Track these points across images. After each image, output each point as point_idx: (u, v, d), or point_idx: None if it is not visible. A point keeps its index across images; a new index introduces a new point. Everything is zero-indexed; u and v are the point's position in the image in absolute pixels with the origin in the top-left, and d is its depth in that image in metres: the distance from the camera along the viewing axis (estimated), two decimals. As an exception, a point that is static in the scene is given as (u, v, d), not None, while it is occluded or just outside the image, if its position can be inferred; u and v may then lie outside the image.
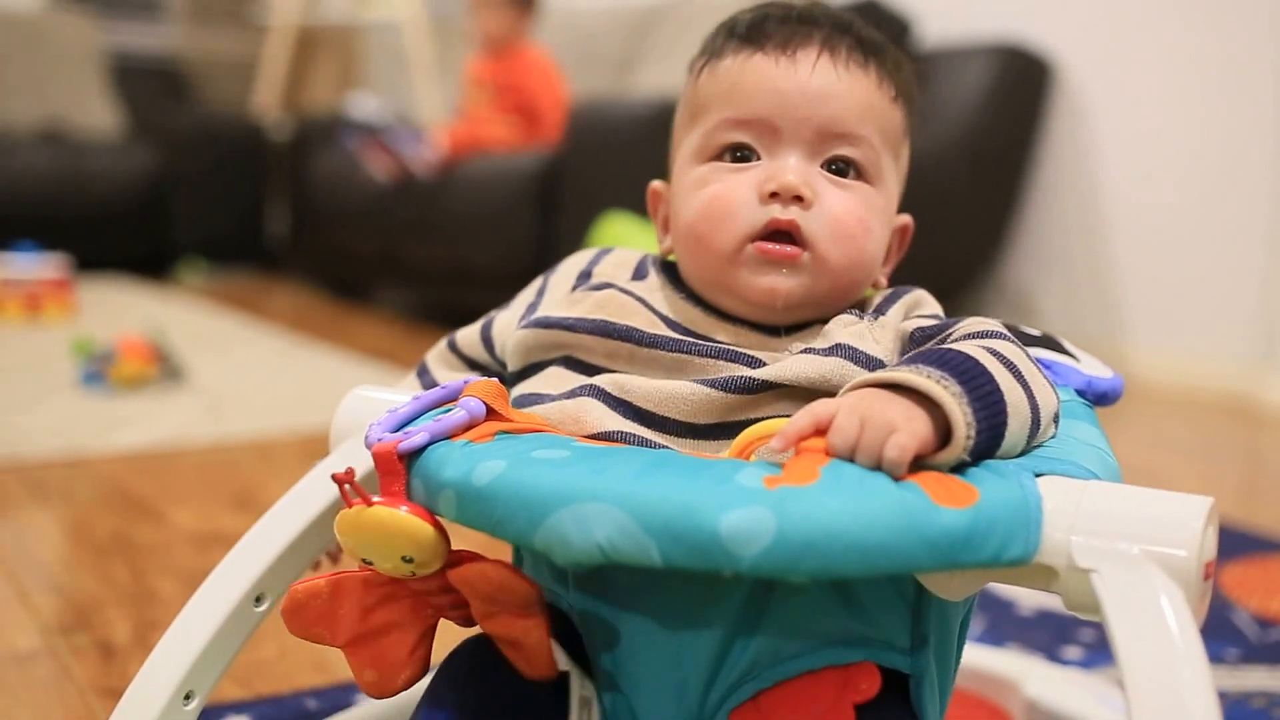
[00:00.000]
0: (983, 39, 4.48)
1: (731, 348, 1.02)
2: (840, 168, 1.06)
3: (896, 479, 0.79)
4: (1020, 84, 4.38)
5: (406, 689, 0.96)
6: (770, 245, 1.02)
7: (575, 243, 3.59)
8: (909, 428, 0.81)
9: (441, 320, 4.96)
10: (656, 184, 1.18)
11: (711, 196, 1.05)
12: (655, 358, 1.02)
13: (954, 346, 0.92)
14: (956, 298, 4.50)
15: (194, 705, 1.01)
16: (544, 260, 4.12)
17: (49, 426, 2.94)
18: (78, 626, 1.74)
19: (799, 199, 1.02)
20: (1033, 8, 4.48)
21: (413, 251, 4.97)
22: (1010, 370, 0.90)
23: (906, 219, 1.16)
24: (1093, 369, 1.14)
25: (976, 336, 0.96)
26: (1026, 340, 1.14)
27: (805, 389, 0.95)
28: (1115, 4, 4.27)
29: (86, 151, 6.28)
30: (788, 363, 0.98)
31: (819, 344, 1.01)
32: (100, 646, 1.67)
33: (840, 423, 0.82)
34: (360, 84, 7.77)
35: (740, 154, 1.06)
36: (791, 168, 1.03)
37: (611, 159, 3.99)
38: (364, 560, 0.89)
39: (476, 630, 0.96)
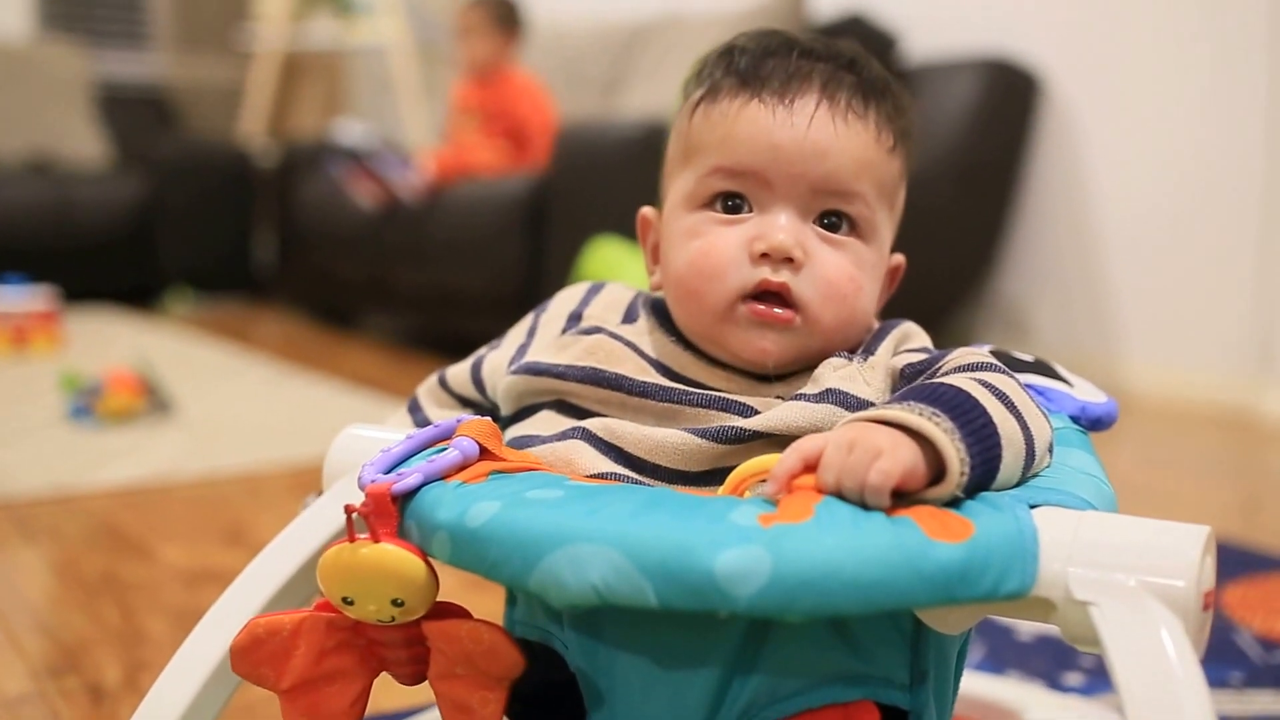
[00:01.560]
0: (970, 53, 4.48)
1: (723, 395, 1.02)
2: (833, 222, 1.05)
3: (883, 507, 0.80)
4: (1008, 98, 4.39)
5: None
6: (762, 307, 1.02)
7: (564, 266, 3.59)
8: (894, 454, 0.81)
9: (431, 346, 4.96)
10: (646, 211, 1.18)
11: (701, 253, 1.04)
12: (645, 406, 1.03)
13: (945, 380, 0.92)
14: (949, 315, 4.51)
15: (189, 750, 1.01)
16: (533, 284, 4.14)
17: (36, 462, 2.94)
18: (67, 669, 1.73)
19: (790, 260, 1.02)
20: (1020, 21, 4.49)
21: (401, 277, 4.96)
22: (1003, 402, 0.90)
23: (899, 260, 1.16)
24: (1086, 394, 1.14)
25: (968, 369, 0.96)
26: (1019, 366, 1.15)
27: (796, 437, 0.94)
28: (1103, 17, 4.28)
29: (73, 181, 6.29)
30: (778, 412, 0.98)
31: (809, 389, 1.01)
32: (90, 689, 1.66)
33: (828, 457, 0.82)
34: (346, 109, 7.77)
35: (732, 202, 1.05)
36: (783, 227, 1.03)
37: (600, 181, 3.99)
38: (344, 599, 0.88)
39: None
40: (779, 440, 0.95)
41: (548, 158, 4.34)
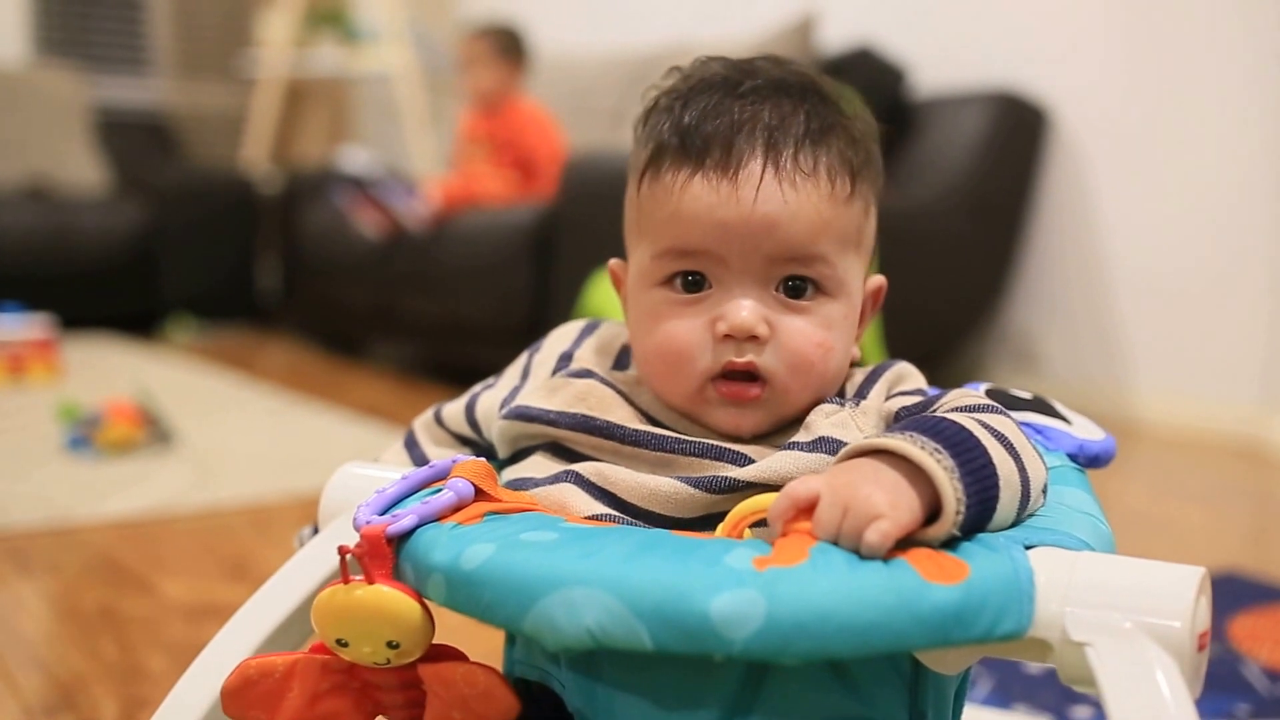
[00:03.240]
0: (978, 87, 4.52)
1: (716, 444, 1.02)
2: (797, 286, 1.03)
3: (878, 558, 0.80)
4: (1017, 131, 4.41)
5: None
6: (729, 386, 1.02)
7: (571, 296, 3.59)
8: (893, 515, 0.81)
9: (437, 375, 4.97)
10: (614, 264, 1.17)
11: (666, 337, 1.04)
12: (640, 454, 1.03)
13: (946, 416, 0.92)
14: (958, 346, 4.52)
15: (187, 787, 1.01)
16: (540, 314, 4.15)
17: (33, 494, 2.93)
18: (62, 706, 1.73)
19: (755, 337, 1.01)
20: (1027, 55, 4.51)
21: (407, 306, 4.97)
22: (1002, 443, 0.90)
23: (878, 282, 1.15)
24: (1084, 431, 1.14)
25: (964, 410, 0.96)
26: (1016, 404, 1.14)
27: None
28: (1111, 50, 4.29)
29: (72, 208, 6.29)
30: (771, 462, 0.98)
31: (802, 437, 1.01)
32: (86, 727, 1.65)
33: (821, 516, 0.82)
34: (351, 136, 7.78)
35: (691, 278, 1.04)
36: (744, 305, 1.01)
37: (607, 211, 3.95)
38: (338, 641, 0.88)
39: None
40: (772, 490, 0.95)
41: (555, 188, 4.34)
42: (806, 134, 1.03)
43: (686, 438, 1.03)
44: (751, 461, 1.00)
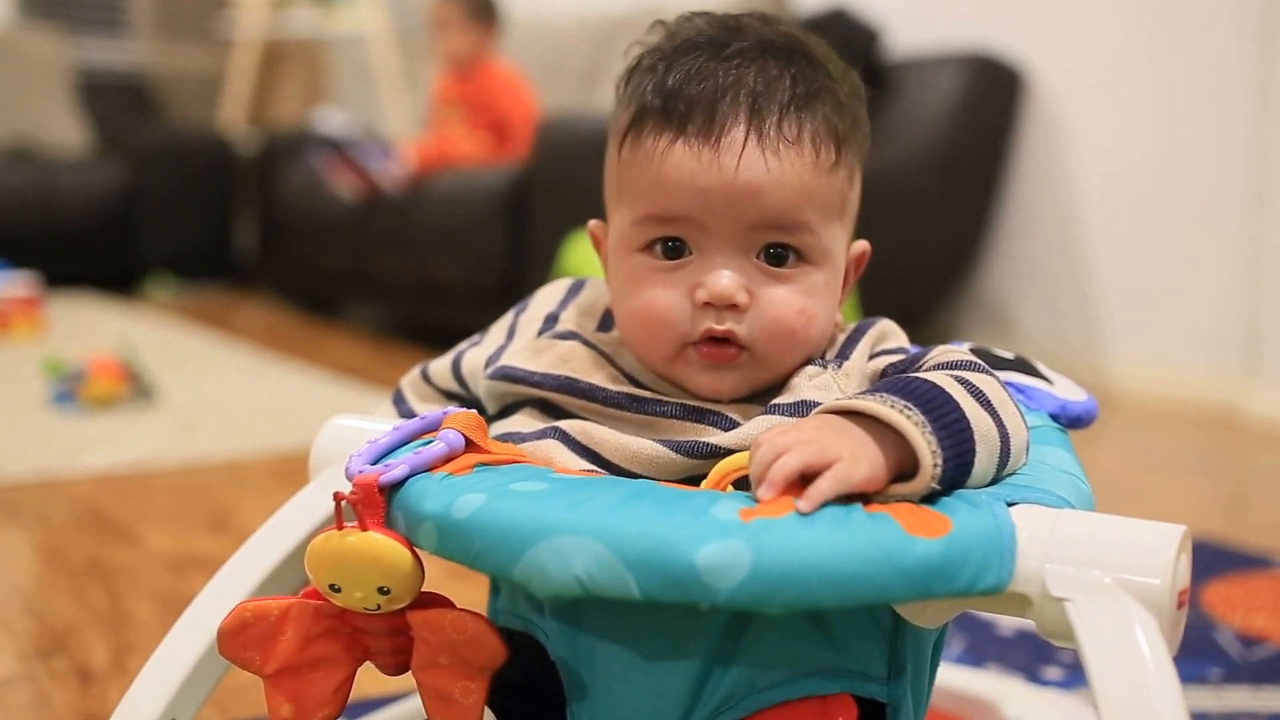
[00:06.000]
0: (953, 48, 4.49)
1: (698, 406, 1.02)
2: (779, 253, 1.02)
3: (822, 502, 0.81)
4: (992, 93, 4.39)
5: None
6: (709, 348, 1.01)
7: (546, 258, 3.59)
8: (851, 461, 0.83)
9: (412, 336, 4.96)
10: (594, 226, 1.16)
11: (645, 304, 1.03)
12: (623, 416, 1.03)
13: (921, 375, 0.93)
14: (933, 310, 4.52)
15: (177, 733, 1.02)
16: (515, 275, 4.15)
17: (20, 447, 2.94)
18: (55, 651, 1.74)
19: (734, 305, 1.00)
20: (1003, 16, 4.49)
21: (383, 267, 4.96)
22: (978, 399, 0.91)
23: (863, 246, 1.14)
24: (1066, 392, 1.15)
25: (947, 367, 0.97)
26: (999, 363, 1.15)
27: None
28: (1086, 12, 4.28)
29: (54, 168, 6.29)
30: (751, 428, 0.98)
31: (784, 399, 1.01)
32: (78, 672, 1.67)
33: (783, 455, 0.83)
34: (327, 98, 7.75)
35: (671, 244, 1.03)
36: (724, 273, 1.00)
37: (581, 172, 3.95)
38: (331, 586, 0.89)
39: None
40: None
41: (529, 149, 4.34)
42: (792, 100, 1.01)
43: (668, 399, 1.03)
44: (734, 423, 1.00)
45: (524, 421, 1.07)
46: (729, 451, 0.97)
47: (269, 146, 6.27)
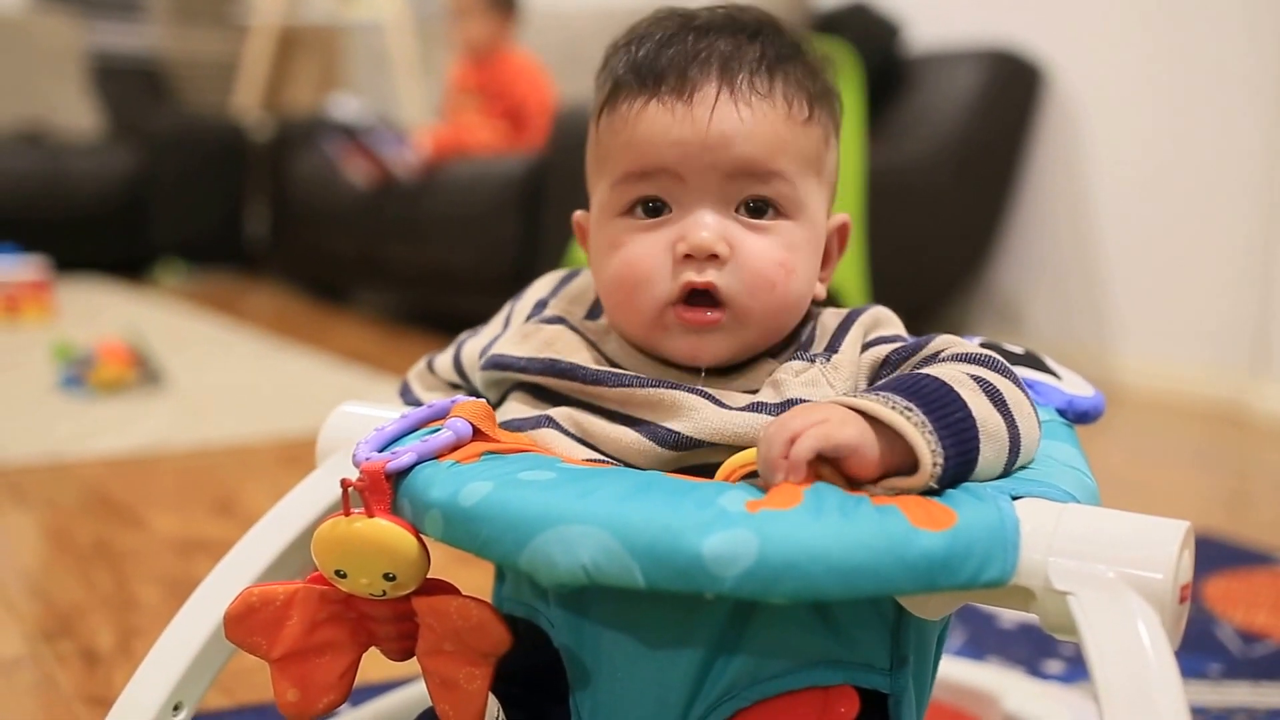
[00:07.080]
0: (973, 43, 4.49)
1: (677, 383, 1.01)
2: (758, 206, 1.03)
3: (802, 463, 0.82)
4: (1010, 88, 4.39)
5: (326, 713, 0.96)
6: (689, 312, 1.01)
7: (559, 247, 3.59)
8: (840, 428, 0.84)
9: (423, 324, 4.96)
10: (578, 215, 1.16)
11: (625, 263, 1.03)
12: (602, 394, 1.02)
13: (930, 371, 0.93)
14: (943, 304, 4.52)
15: (182, 716, 1.03)
16: (527, 264, 4.15)
17: (29, 430, 2.95)
18: (61, 633, 1.75)
19: (715, 256, 1.00)
20: (1024, 12, 4.49)
21: (394, 254, 4.97)
22: (991, 397, 0.91)
23: (842, 219, 1.13)
24: (1074, 387, 1.15)
25: (960, 359, 0.96)
26: (1007, 358, 1.14)
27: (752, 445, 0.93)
28: (1106, 9, 4.28)
29: (66, 153, 6.30)
30: (733, 420, 0.98)
31: (770, 398, 1.00)
32: (84, 654, 1.68)
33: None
34: (342, 84, 7.75)
35: (651, 204, 1.03)
36: (704, 224, 1.00)
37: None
38: (337, 572, 0.89)
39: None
40: (735, 450, 0.94)
41: (545, 138, 4.33)
42: (762, 59, 1.03)
43: (645, 375, 1.02)
44: (711, 398, 0.99)
45: (516, 408, 1.07)
46: (710, 444, 0.97)
47: (282, 132, 6.29)
